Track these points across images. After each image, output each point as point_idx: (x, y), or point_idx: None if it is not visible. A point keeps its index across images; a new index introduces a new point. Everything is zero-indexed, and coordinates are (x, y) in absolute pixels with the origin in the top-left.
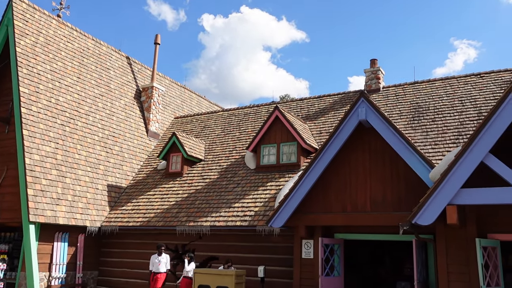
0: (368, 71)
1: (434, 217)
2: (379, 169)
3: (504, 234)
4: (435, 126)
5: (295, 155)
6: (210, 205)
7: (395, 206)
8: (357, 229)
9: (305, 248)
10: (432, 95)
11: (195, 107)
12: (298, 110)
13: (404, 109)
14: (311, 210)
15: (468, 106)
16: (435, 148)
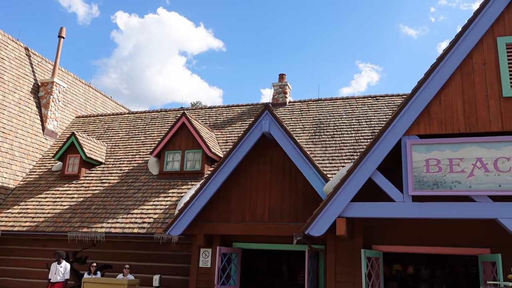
0: (276, 85)
1: (325, 228)
2: (279, 181)
3: (387, 245)
4: (334, 142)
5: (199, 163)
6: (107, 210)
7: (292, 217)
8: (255, 238)
9: (203, 257)
10: (333, 113)
11: (99, 107)
12: (207, 118)
13: (307, 124)
14: (211, 219)
15: (364, 126)
16: (332, 163)
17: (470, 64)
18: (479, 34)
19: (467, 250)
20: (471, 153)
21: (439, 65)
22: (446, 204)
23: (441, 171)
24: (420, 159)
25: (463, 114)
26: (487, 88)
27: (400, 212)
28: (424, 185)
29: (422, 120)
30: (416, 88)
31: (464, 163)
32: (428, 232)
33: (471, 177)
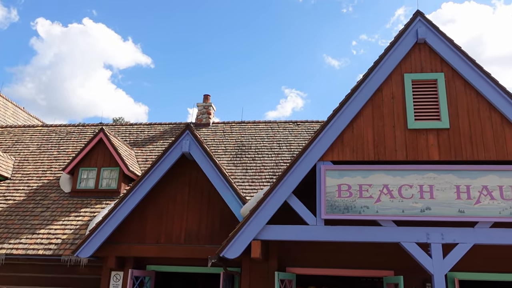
0: (200, 105)
1: (240, 251)
2: (197, 202)
3: (300, 268)
4: (254, 164)
5: (116, 181)
6: (9, 230)
7: (208, 239)
8: (171, 261)
9: (114, 281)
10: (256, 136)
11: (9, 118)
12: (127, 135)
13: (229, 146)
14: (124, 240)
15: (284, 150)
16: (252, 185)
17: (380, 96)
18: (388, 70)
19: (374, 272)
20: (379, 180)
21: (352, 96)
22: (355, 228)
23: (352, 196)
24: (333, 184)
25: (373, 143)
26: (395, 120)
27: (313, 235)
28: (336, 209)
29: (336, 147)
30: (331, 116)
31: (372, 189)
32: (339, 255)
33: (378, 202)
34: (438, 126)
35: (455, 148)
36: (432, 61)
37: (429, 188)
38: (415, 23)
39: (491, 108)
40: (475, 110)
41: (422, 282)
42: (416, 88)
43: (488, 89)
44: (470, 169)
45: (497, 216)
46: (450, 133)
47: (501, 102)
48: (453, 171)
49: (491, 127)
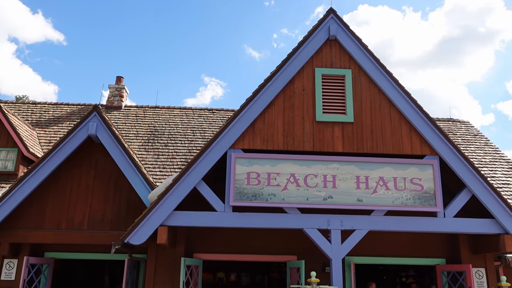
0: (112, 87)
1: (146, 237)
2: (103, 187)
3: (208, 254)
4: (167, 150)
5: (13, 163)
6: None
7: (114, 225)
8: (72, 247)
9: (6, 269)
10: (169, 122)
11: None
12: (29, 114)
13: (141, 131)
14: (20, 226)
15: (198, 137)
16: (163, 171)
17: (292, 88)
18: (301, 63)
19: (279, 257)
20: (287, 169)
21: (265, 87)
22: (262, 215)
23: (260, 184)
24: (242, 172)
25: (283, 133)
26: (304, 112)
27: (221, 221)
28: (244, 196)
29: (247, 135)
30: (244, 105)
31: (280, 177)
32: (247, 241)
33: (285, 190)
34: (344, 120)
35: (358, 141)
36: (341, 57)
37: (332, 178)
38: (327, 20)
39: (391, 105)
40: (377, 106)
41: (322, 266)
42: (325, 82)
43: (389, 88)
44: (369, 161)
45: (390, 205)
46: (354, 126)
47: (400, 100)
48: (355, 163)
49: (390, 123)
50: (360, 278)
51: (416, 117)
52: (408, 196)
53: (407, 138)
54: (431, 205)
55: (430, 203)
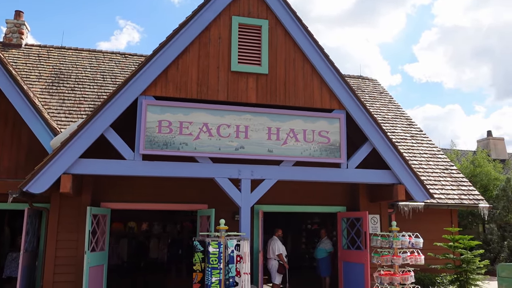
0: (10, 22)
1: (47, 185)
2: None
3: (116, 203)
4: (73, 95)
5: None
6: None
7: (11, 172)
8: None
9: None
10: (77, 64)
11: None
12: None
13: (44, 73)
14: None
15: (108, 82)
16: (68, 117)
17: (207, 35)
18: (218, 10)
19: (190, 206)
20: (200, 118)
21: (180, 32)
22: (173, 164)
23: (172, 132)
24: (153, 120)
25: (197, 82)
26: (219, 61)
27: (129, 170)
28: (155, 145)
29: (159, 82)
30: (157, 50)
31: (193, 126)
32: (157, 190)
33: (197, 139)
34: (258, 71)
35: (271, 93)
36: (259, 7)
37: (244, 128)
38: None
39: (305, 59)
40: (291, 59)
41: (232, 214)
42: (242, 31)
43: (304, 42)
44: (281, 113)
45: (299, 156)
46: (268, 78)
47: (314, 55)
48: (267, 114)
49: (303, 76)
50: (269, 225)
51: (327, 72)
52: (315, 148)
53: (318, 92)
54: (336, 156)
55: (335, 155)
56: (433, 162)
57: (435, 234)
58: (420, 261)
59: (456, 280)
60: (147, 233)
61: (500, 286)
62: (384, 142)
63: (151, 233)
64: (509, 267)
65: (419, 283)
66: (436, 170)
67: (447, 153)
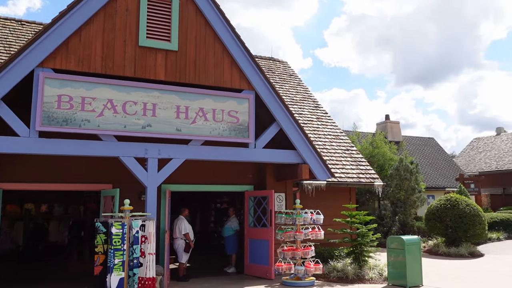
0: None
1: None
2: None
3: (8, 183)
4: None
5: None
6: None
7: None
8: None
9: None
10: None
11: None
12: None
13: None
14: None
15: (1, 51)
16: None
17: (114, 7)
18: None
19: (93, 186)
20: (104, 94)
21: (83, 0)
22: (74, 142)
23: (73, 108)
24: (52, 94)
25: (101, 55)
26: (126, 34)
27: (24, 148)
28: (53, 121)
29: (59, 54)
30: (57, 18)
31: (96, 102)
32: (56, 169)
33: (101, 117)
34: (168, 47)
35: (181, 71)
36: None
37: (152, 106)
38: None
39: (216, 38)
40: (202, 37)
41: (138, 194)
42: (151, 5)
43: (215, 20)
44: (191, 92)
45: (208, 135)
46: (178, 55)
47: (225, 34)
48: (176, 92)
49: (213, 55)
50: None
51: (238, 52)
52: (224, 128)
53: (228, 72)
54: (245, 136)
55: (244, 135)
56: (336, 143)
57: (335, 211)
58: (320, 236)
59: (352, 253)
60: (46, 215)
61: (389, 257)
62: (290, 123)
63: (51, 215)
64: (397, 240)
65: (319, 257)
66: (338, 151)
67: (349, 135)
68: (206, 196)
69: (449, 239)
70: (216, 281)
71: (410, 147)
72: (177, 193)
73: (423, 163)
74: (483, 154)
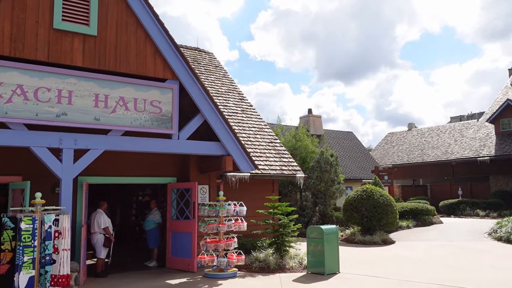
0: None
1: None
2: None
3: None
4: None
5: None
6: None
7: None
8: None
9: None
10: None
11: None
12: None
13: None
14: None
15: None
16: None
17: None
18: None
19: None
20: (13, 79)
21: None
22: None
23: None
24: None
25: (10, 37)
26: (39, 15)
27: None
28: None
29: None
30: None
31: (4, 88)
32: None
33: (9, 103)
34: (86, 32)
35: (100, 57)
36: None
37: (68, 93)
38: None
39: (138, 25)
40: (124, 23)
41: (52, 186)
42: None
43: (138, 5)
44: (111, 80)
45: (129, 125)
46: (97, 41)
47: (148, 21)
48: (95, 80)
49: (135, 42)
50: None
51: (162, 41)
52: (146, 118)
53: (151, 60)
54: (168, 127)
55: (167, 126)
56: (260, 135)
57: (259, 202)
58: (243, 227)
59: (274, 243)
60: None
61: (309, 246)
62: (215, 115)
63: None
64: (316, 229)
65: (241, 248)
66: (262, 143)
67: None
68: (128, 188)
69: (365, 227)
70: (136, 276)
71: (331, 140)
72: (97, 186)
73: (343, 156)
74: (396, 148)
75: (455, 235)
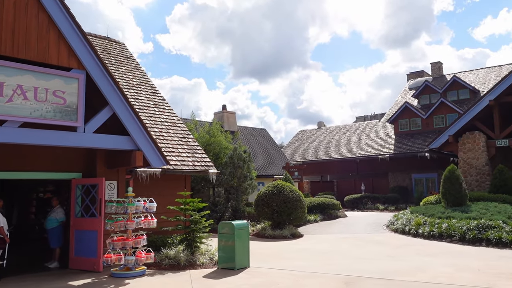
0: None
1: None
2: None
3: None
4: None
5: None
6: None
7: None
8: None
9: None
10: None
11: None
12: None
13: None
14: None
15: None
16: None
17: None
18: None
19: None
20: None
21: None
22: None
23: None
24: None
25: None
26: None
27: None
28: None
29: None
30: None
31: None
32: None
33: None
34: None
35: None
36: None
37: None
38: None
39: (40, 7)
40: (23, 4)
41: None
42: None
43: None
44: (7, 66)
45: (28, 116)
46: None
47: (51, 4)
48: None
49: (37, 26)
50: None
51: (67, 27)
52: (48, 109)
53: (54, 47)
54: (72, 119)
55: (72, 118)
56: (173, 130)
57: (170, 198)
58: (153, 224)
59: (185, 240)
60: None
61: (220, 242)
62: (125, 107)
63: None
64: (228, 225)
65: (151, 245)
66: (175, 138)
67: (187, 123)
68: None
69: (275, 222)
70: (34, 279)
71: (244, 136)
72: None
73: (255, 152)
74: (306, 145)
75: (358, 228)
